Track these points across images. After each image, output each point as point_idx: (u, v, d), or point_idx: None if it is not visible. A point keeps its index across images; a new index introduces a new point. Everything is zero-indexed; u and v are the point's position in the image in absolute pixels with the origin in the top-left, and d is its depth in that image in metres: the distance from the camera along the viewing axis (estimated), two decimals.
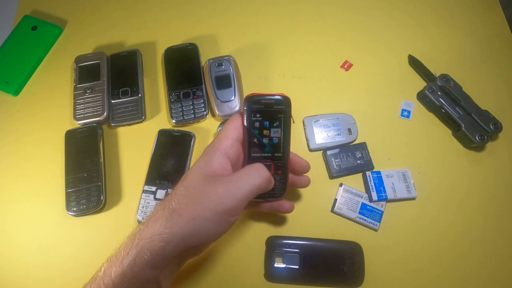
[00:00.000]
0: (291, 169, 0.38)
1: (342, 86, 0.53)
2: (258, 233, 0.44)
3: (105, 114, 0.49)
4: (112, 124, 0.49)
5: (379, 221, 0.44)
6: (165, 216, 0.29)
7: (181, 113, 0.49)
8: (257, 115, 0.34)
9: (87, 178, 0.45)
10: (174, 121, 0.49)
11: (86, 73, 0.52)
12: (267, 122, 0.34)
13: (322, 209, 0.46)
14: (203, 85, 0.50)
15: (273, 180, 0.35)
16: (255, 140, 0.34)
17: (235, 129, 0.34)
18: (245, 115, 0.34)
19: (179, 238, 0.29)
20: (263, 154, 0.35)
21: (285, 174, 0.37)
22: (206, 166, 0.31)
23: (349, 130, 0.48)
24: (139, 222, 0.44)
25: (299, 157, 0.38)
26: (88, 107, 0.49)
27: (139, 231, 0.30)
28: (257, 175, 0.32)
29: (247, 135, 0.34)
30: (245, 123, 0.34)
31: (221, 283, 0.42)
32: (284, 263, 0.42)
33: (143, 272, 0.28)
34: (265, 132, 0.34)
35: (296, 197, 0.46)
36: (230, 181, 0.31)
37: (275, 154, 0.35)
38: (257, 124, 0.34)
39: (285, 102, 0.34)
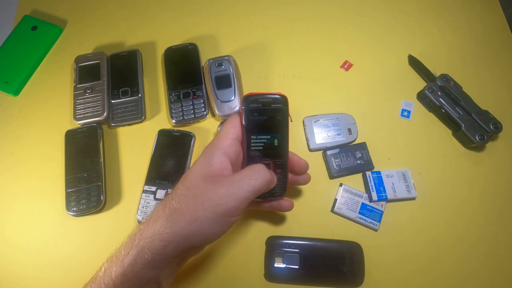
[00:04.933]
0: (290, 169, 0.38)
1: (342, 86, 0.53)
2: (258, 233, 0.44)
3: (105, 114, 0.49)
4: (112, 124, 0.49)
5: (379, 221, 0.44)
6: (166, 216, 0.29)
7: (181, 113, 0.49)
8: (255, 114, 0.34)
9: (87, 178, 0.45)
10: (174, 121, 0.49)
11: (86, 73, 0.51)
12: (265, 121, 0.34)
13: (322, 209, 0.46)
14: (203, 85, 0.50)
15: (275, 180, 0.35)
16: (254, 139, 0.35)
17: (234, 128, 0.34)
18: (243, 114, 0.34)
19: (180, 238, 0.29)
20: (262, 153, 0.35)
21: (285, 172, 0.37)
22: (207, 166, 0.32)
23: (349, 130, 0.48)
24: (139, 222, 0.44)
25: (298, 157, 0.38)
26: (88, 107, 0.49)
27: (139, 230, 0.30)
28: (258, 177, 0.32)
29: (246, 134, 0.34)
30: (243, 122, 0.34)
31: (221, 283, 0.42)
32: (284, 263, 0.42)
33: (143, 272, 0.28)
34: (263, 131, 0.35)
35: (296, 197, 0.46)
36: (231, 181, 0.31)
37: (274, 153, 0.35)
38: (255, 123, 0.34)
39: (283, 101, 0.35)
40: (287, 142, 0.36)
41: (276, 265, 0.42)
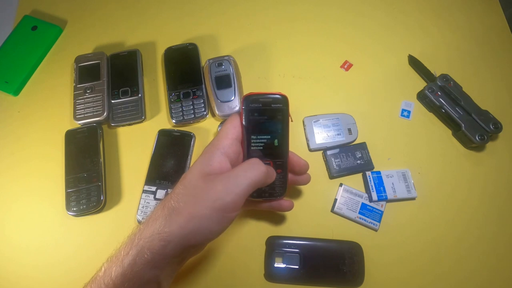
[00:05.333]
0: (290, 169, 0.38)
1: (342, 86, 0.53)
2: (258, 233, 0.44)
3: (105, 114, 0.49)
4: (112, 124, 0.49)
5: (379, 221, 0.44)
6: (165, 215, 0.30)
7: (181, 113, 0.49)
8: (255, 114, 0.34)
9: (87, 178, 0.45)
10: (174, 121, 0.49)
11: (86, 73, 0.51)
12: (265, 121, 0.34)
13: (322, 209, 0.46)
14: (203, 85, 0.50)
15: (273, 175, 0.35)
16: (254, 139, 0.34)
17: (234, 128, 0.34)
18: (243, 114, 0.34)
19: (179, 237, 0.29)
20: (262, 153, 0.35)
21: (285, 172, 0.37)
22: (205, 165, 0.32)
23: (349, 130, 0.48)
24: (139, 222, 0.44)
25: (298, 157, 0.38)
26: (88, 107, 0.49)
27: (139, 230, 0.30)
28: (253, 170, 0.32)
29: (246, 134, 0.34)
30: (243, 122, 0.34)
31: (221, 283, 0.42)
32: (284, 263, 0.42)
33: (143, 272, 0.28)
34: (263, 130, 0.34)
35: (296, 197, 0.46)
36: (227, 177, 0.31)
37: (274, 153, 0.35)
38: (255, 123, 0.34)
39: (283, 101, 0.34)
40: (287, 142, 0.35)
41: (276, 265, 0.42)
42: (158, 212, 0.30)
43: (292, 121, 0.35)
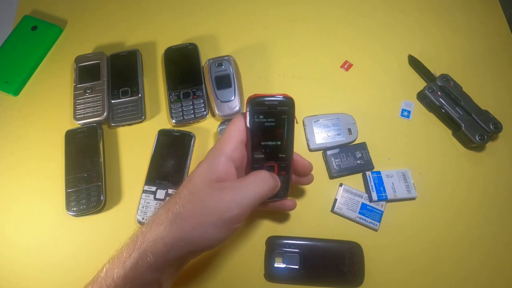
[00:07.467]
0: (294, 170, 0.38)
1: (342, 86, 0.53)
2: (258, 233, 0.44)
3: (105, 114, 0.49)
4: (112, 124, 0.49)
5: (379, 221, 0.44)
6: (169, 220, 0.29)
7: (181, 113, 0.49)
8: (260, 116, 0.33)
9: (87, 178, 0.45)
10: (174, 121, 0.49)
11: (86, 73, 0.51)
12: (271, 123, 0.34)
13: (322, 209, 0.46)
14: (203, 85, 0.50)
15: (279, 184, 0.35)
16: (259, 141, 0.34)
17: (239, 131, 0.33)
18: (248, 117, 0.33)
19: (183, 242, 0.29)
20: (266, 156, 0.34)
21: (288, 174, 0.36)
22: (211, 171, 0.31)
23: (349, 130, 0.48)
24: (139, 222, 0.44)
25: (302, 158, 0.38)
26: (88, 107, 0.49)
27: (142, 233, 0.30)
28: (263, 184, 0.32)
29: (250, 136, 0.33)
30: (248, 125, 0.33)
31: (221, 283, 0.42)
32: (284, 263, 0.42)
33: (145, 274, 0.28)
34: (268, 133, 0.34)
35: (296, 197, 0.46)
36: (236, 188, 0.31)
37: (279, 155, 0.35)
38: (260, 126, 0.33)
39: (289, 103, 0.34)
40: (292, 145, 0.35)
41: (276, 265, 0.42)
42: (162, 216, 0.30)
43: (297, 123, 0.35)
